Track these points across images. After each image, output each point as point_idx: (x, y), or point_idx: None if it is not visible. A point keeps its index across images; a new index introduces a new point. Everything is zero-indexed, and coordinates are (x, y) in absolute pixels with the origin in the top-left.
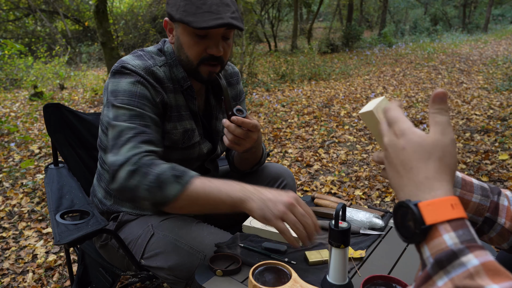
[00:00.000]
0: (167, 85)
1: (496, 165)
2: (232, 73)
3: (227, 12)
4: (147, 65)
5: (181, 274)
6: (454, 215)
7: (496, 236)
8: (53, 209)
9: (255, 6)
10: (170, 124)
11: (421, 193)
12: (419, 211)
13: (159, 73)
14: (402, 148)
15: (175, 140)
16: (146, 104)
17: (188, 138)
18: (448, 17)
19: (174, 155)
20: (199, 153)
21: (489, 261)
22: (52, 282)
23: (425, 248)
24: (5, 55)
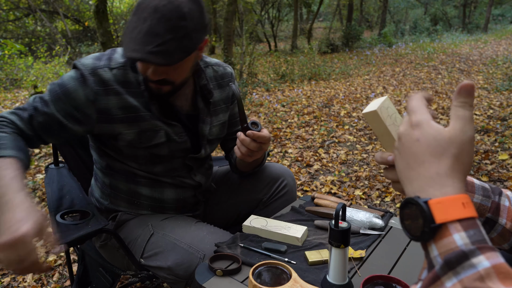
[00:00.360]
0: (114, 87)
1: (496, 165)
2: (223, 74)
3: (150, 45)
4: (96, 65)
5: (181, 273)
6: (465, 214)
7: (497, 237)
8: (53, 209)
9: (255, 6)
10: (119, 125)
11: (431, 189)
12: (429, 209)
13: (105, 75)
14: (416, 139)
15: (129, 140)
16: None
17: (147, 138)
18: (448, 17)
19: (140, 152)
20: (171, 150)
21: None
22: (52, 282)
23: (433, 247)
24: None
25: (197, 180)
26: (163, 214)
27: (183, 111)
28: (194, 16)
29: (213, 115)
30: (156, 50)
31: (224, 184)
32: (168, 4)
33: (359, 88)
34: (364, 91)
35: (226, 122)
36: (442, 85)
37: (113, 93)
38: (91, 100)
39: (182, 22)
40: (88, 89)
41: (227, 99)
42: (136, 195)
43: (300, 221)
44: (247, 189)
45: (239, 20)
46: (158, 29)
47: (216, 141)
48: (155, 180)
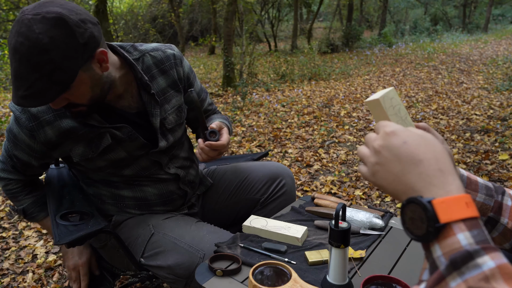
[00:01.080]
0: (44, 118)
1: (496, 165)
2: (163, 59)
3: (21, 89)
4: None
5: (181, 273)
6: (468, 213)
7: (498, 236)
8: (53, 210)
9: (255, 6)
10: (66, 144)
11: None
12: (433, 209)
13: (32, 109)
14: (403, 142)
15: (80, 153)
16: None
17: (95, 146)
18: (448, 17)
19: (99, 163)
20: (129, 151)
21: (504, 264)
22: (52, 282)
23: (436, 247)
24: (5, 55)
25: (173, 173)
26: (164, 214)
27: (132, 109)
28: (59, 44)
29: (164, 104)
30: (26, 94)
31: (222, 184)
32: (25, 41)
33: (359, 88)
34: (364, 91)
35: (182, 107)
36: (442, 85)
37: (46, 124)
38: (31, 137)
39: (45, 56)
40: (24, 129)
41: (175, 84)
42: (120, 198)
43: (300, 221)
44: (245, 189)
45: (239, 20)
46: (22, 71)
47: (177, 127)
48: (132, 181)
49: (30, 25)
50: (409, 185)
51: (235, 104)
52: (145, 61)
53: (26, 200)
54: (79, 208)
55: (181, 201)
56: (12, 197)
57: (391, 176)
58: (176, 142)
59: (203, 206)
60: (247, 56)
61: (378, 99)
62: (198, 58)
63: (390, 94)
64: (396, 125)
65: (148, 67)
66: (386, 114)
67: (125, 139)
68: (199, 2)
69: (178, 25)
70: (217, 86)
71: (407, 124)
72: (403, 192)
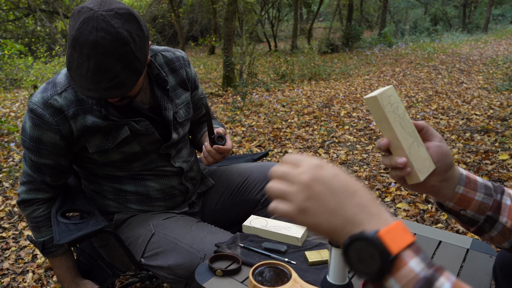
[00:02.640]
0: (68, 111)
1: (496, 165)
2: (173, 59)
3: (104, 81)
4: (45, 98)
5: (181, 273)
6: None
7: (497, 235)
8: (55, 208)
9: (255, 6)
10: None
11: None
12: (381, 242)
13: (57, 103)
14: (335, 175)
15: (97, 144)
16: (42, 147)
17: (113, 137)
18: (448, 17)
19: (114, 156)
20: (142, 146)
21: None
22: (52, 282)
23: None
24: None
25: (177, 166)
26: (164, 214)
27: (145, 104)
28: (135, 36)
29: (175, 99)
30: (110, 85)
31: (223, 184)
32: (106, 36)
33: (359, 88)
34: (364, 91)
35: (190, 102)
36: (442, 85)
37: (70, 117)
38: (57, 132)
39: (127, 48)
40: (49, 125)
41: (183, 82)
42: (122, 193)
43: None
44: (245, 189)
45: (239, 20)
46: (106, 63)
47: (186, 122)
48: (136, 176)
49: (108, 21)
50: (348, 218)
51: (235, 104)
52: (157, 59)
53: (49, 232)
54: (79, 206)
55: (182, 197)
56: (35, 227)
57: (327, 211)
58: (183, 137)
59: (203, 206)
60: (247, 56)
61: (375, 96)
62: (198, 58)
63: (388, 92)
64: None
65: (160, 65)
66: (383, 112)
67: (142, 132)
68: (199, 2)
69: (178, 25)
70: (217, 86)
71: (405, 122)
72: (341, 227)
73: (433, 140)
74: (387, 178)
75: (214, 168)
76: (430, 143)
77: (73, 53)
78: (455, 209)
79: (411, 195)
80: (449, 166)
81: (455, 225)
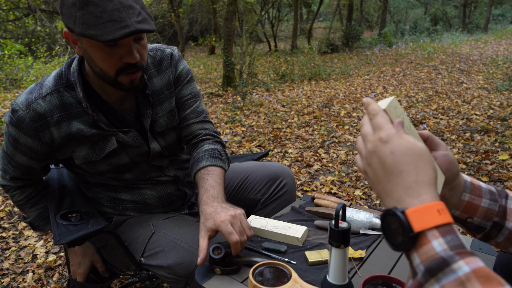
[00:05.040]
0: (51, 117)
1: (496, 165)
2: (161, 59)
3: (132, 16)
4: (29, 100)
5: (181, 272)
6: (441, 220)
7: (504, 241)
8: (53, 210)
9: (255, 6)
10: (70, 145)
11: (409, 198)
12: (406, 219)
13: (40, 108)
14: (391, 152)
15: (83, 155)
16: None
17: (100, 149)
18: (448, 17)
19: (101, 167)
20: (131, 157)
21: (480, 267)
22: (52, 282)
23: (415, 255)
24: (5, 55)
25: (172, 175)
26: (164, 214)
27: (131, 117)
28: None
29: (156, 106)
30: (140, 19)
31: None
32: None
33: (359, 88)
34: (364, 91)
35: (174, 110)
36: (442, 85)
37: (52, 124)
38: (36, 137)
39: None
40: (27, 129)
41: (170, 85)
42: (119, 201)
43: (300, 221)
44: (245, 189)
45: (239, 20)
46: (129, 2)
47: (168, 131)
48: (131, 185)
49: None
50: (388, 192)
51: (235, 104)
52: None
53: (31, 213)
54: (79, 208)
55: (180, 202)
56: (20, 209)
57: (376, 180)
58: (171, 147)
59: None
60: (247, 56)
61: (384, 109)
62: (198, 58)
63: (393, 103)
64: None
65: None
66: None
67: (131, 144)
68: (199, 2)
69: (178, 25)
70: (217, 86)
71: (413, 134)
72: (383, 197)
73: (439, 150)
74: None
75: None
76: (436, 152)
77: (85, 8)
78: (462, 217)
79: None
80: (456, 174)
81: (455, 225)
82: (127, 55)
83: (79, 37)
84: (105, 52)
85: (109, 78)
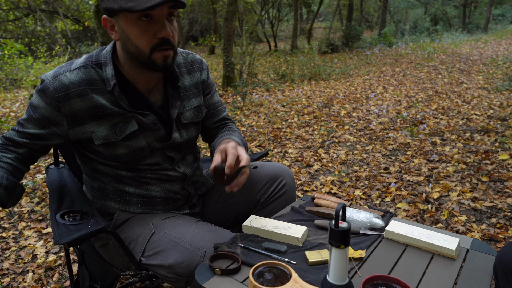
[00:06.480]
0: (75, 89)
1: (496, 165)
2: (192, 61)
3: None
4: (57, 73)
5: (182, 271)
6: None
7: None
8: (53, 209)
9: (255, 6)
10: (89, 125)
11: None
12: None
13: (65, 80)
14: None
15: (103, 136)
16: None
17: (120, 130)
18: (448, 17)
19: (119, 150)
20: (148, 142)
21: None
22: (52, 282)
23: None
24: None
25: (181, 171)
26: (164, 214)
27: (158, 104)
28: None
29: (185, 100)
30: None
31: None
32: None
33: (359, 88)
34: (364, 91)
35: (201, 107)
36: (442, 85)
37: (75, 96)
38: (55, 108)
39: None
40: (49, 99)
41: (197, 85)
42: (124, 194)
43: (300, 221)
44: (245, 189)
45: (239, 20)
46: None
47: (191, 125)
48: (140, 178)
49: None
50: None
51: (235, 104)
52: (177, 59)
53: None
54: (79, 207)
55: (183, 201)
56: None
57: None
58: (189, 142)
59: (203, 206)
60: (247, 56)
61: None
62: None
63: None
64: None
65: (178, 65)
66: None
67: (149, 127)
68: (199, 2)
69: (178, 25)
70: (217, 86)
71: None
72: None
73: None
74: (387, 178)
75: None
76: None
77: None
78: None
79: (411, 195)
80: None
81: (455, 225)
82: (161, 29)
83: (117, 19)
84: (141, 28)
85: (144, 56)
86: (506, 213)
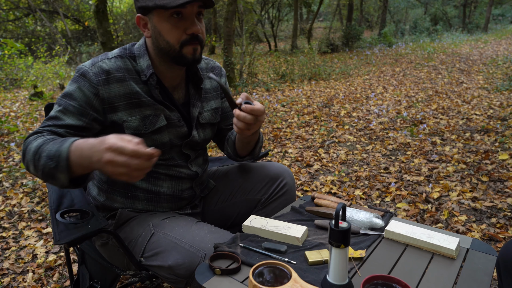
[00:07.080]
0: (115, 74)
1: (496, 165)
2: (213, 67)
3: None
4: (95, 61)
5: (182, 272)
6: None
7: None
8: (53, 208)
9: (255, 6)
10: (123, 113)
11: None
12: None
13: (105, 66)
14: None
15: (134, 127)
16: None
17: (150, 123)
18: (448, 17)
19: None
20: (171, 138)
21: None
22: (52, 282)
23: None
24: (5, 55)
25: (194, 170)
26: (164, 214)
27: (180, 101)
28: None
29: (204, 101)
30: None
31: (223, 184)
32: None
33: (359, 88)
34: (364, 91)
35: (219, 109)
36: (442, 85)
37: (115, 81)
38: (94, 92)
39: None
40: (88, 83)
41: (217, 88)
42: (132, 189)
43: (300, 221)
44: (246, 189)
45: (239, 20)
46: None
47: (208, 126)
48: (151, 173)
49: None
50: None
51: None
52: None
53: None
54: (79, 206)
55: (187, 201)
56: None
57: None
58: (204, 141)
59: (203, 207)
60: (247, 56)
61: None
62: None
63: None
64: None
65: (200, 69)
66: None
67: (174, 123)
68: None
69: None
70: None
71: None
72: None
73: None
74: (387, 178)
75: (214, 169)
76: None
77: None
78: None
79: (411, 195)
80: None
81: (455, 225)
82: (191, 26)
83: (150, 16)
84: (172, 24)
85: (174, 51)
86: (506, 213)
